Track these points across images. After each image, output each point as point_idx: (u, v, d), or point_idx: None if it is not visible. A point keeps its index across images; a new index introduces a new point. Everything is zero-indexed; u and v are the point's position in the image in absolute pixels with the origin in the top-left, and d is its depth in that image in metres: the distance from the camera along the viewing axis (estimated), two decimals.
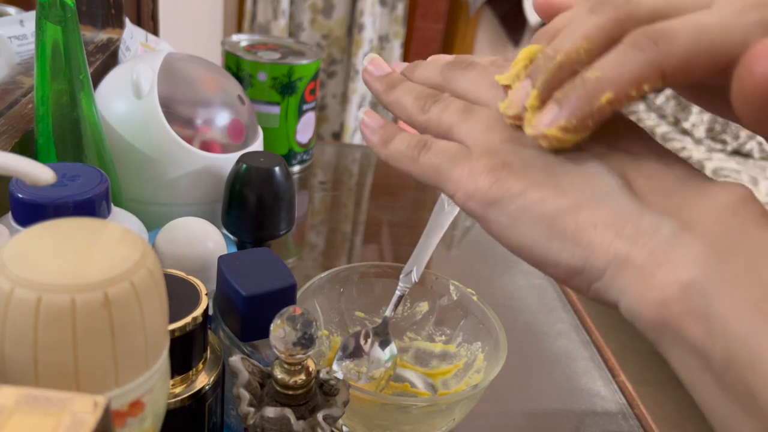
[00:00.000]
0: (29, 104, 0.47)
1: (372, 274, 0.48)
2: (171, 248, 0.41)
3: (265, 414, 0.28)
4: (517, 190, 0.25)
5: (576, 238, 0.24)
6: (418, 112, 0.29)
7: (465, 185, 0.26)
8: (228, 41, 0.74)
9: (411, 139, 0.29)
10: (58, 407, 0.16)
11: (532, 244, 0.25)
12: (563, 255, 0.24)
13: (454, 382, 0.45)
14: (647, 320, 0.22)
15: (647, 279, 0.22)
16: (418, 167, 0.28)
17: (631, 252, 0.22)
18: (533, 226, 0.25)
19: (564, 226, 0.24)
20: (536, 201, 0.24)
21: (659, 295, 0.21)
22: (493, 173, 0.25)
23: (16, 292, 0.18)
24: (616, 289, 0.23)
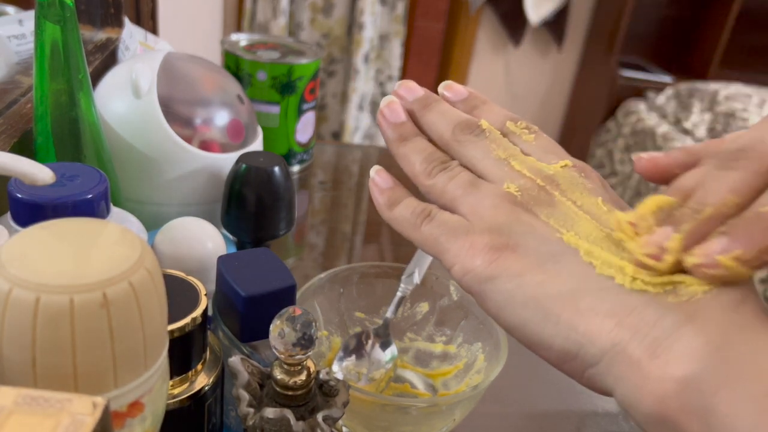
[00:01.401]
0: (28, 104, 0.46)
1: (372, 275, 0.48)
2: (170, 248, 0.41)
3: (264, 415, 0.28)
4: (515, 271, 0.25)
5: (573, 323, 0.23)
6: (424, 176, 0.29)
7: (463, 260, 0.26)
8: (227, 40, 0.74)
9: (416, 207, 0.29)
10: (56, 408, 0.16)
11: (525, 324, 0.25)
12: (557, 339, 0.24)
13: (455, 383, 0.45)
14: (644, 413, 0.22)
15: (644, 371, 0.22)
16: (419, 235, 0.28)
17: (630, 342, 0.22)
18: (528, 307, 0.24)
19: (561, 310, 0.24)
20: (535, 283, 0.24)
21: (657, 389, 0.21)
22: (494, 251, 0.25)
23: (15, 292, 0.18)
24: (612, 378, 0.23)
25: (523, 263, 0.25)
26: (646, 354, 0.22)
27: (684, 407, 0.21)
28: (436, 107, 0.31)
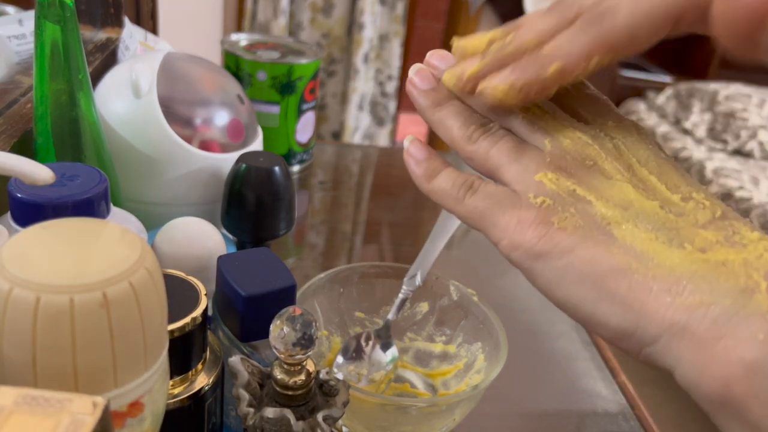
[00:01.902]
0: (28, 104, 0.46)
1: (372, 275, 0.48)
2: (170, 248, 0.41)
3: (264, 414, 0.28)
4: (566, 246, 0.24)
5: (628, 301, 0.23)
6: (464, 141, 0.28)
7: (512, 235, 0.25)
8: (227, 40, 0.74)
9: (457, 179, 0.28)
10: (56, 408, 0.16)
11: (579, 302, 0.24)
12: (612, 318, 0.23)
13: (455, 383, 0.45)
14: (707, 395, 0.21)
15: (708, 353, 0.21)
16: (463, 208, 0.27)
17: (689, 321, 0.21)
18: (581, 285, 0.24)
19: (615, 288, 0.23)
20: (587, 260, 0.23)
21: (721, 371, 0.21)
22: (543, 226, 0.24)
23: (15, 292, 0.18)
24: (672, 357, 0.22)
25: (574, 238, 0.24)
26: (710, 334, 0.21)
27: (750, 391, 0.20)
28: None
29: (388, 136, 2.24)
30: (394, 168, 0.91)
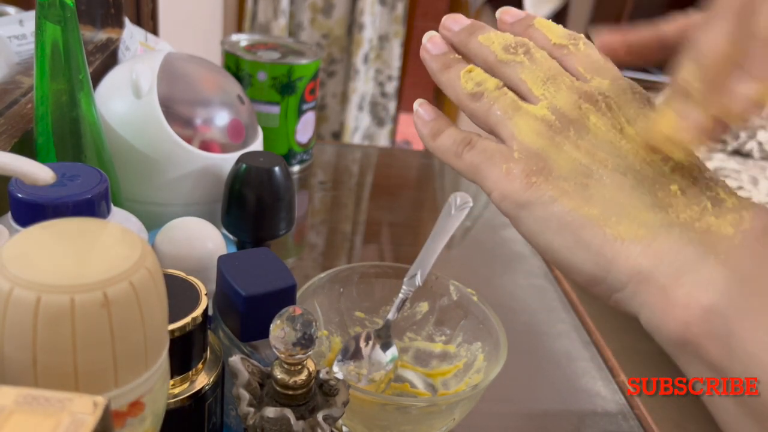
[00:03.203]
0: (29, 104, 0.46)
1: (372, 274, 0.48)
2: (170, 248, 0.41)
3: (264, 414, 0.28)
4: (549, 197, 0.26)
5: (601, 249, 0.24)
6: (468, 99, 0.30)
7: (501, 185, 0.27)
8: (227, 41, 0.74)
9: (457, 136, 0.30)
10: (57, 407, 0.16)
11: (558, 249, 0.26)
12: (587, 264, 0.25)
13: (454, 383, 0.45)
14: (667, 336, 0.23)
15: (669, 298, 0.23)
16: (461, 163, 0.29)
17: (654, 269, 0.23)
18: (561, 233, 0.25)
19: (591, 237, 0.25)
20: (566, 210, 0.25)
21: (681, 315, 0.23)
22: (529, 177, 0.26)
23: (16, 292, 0.18)
24: (637, 303, 0.24)
25: (557, 189, 0.26)
26: (671, 281, 0.23)
27: (707, 333, 0.22)
28: (482, 32, 0.31)
29: (388, 136, 2.24)
30: (394, 168, 0.91)
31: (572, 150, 0.26)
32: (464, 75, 0.30)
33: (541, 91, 0.28)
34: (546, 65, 0.29)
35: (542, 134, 0.27)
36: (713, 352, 0.22)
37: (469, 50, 0.31)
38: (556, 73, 0.29)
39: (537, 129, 0.27)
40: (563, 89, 0.28)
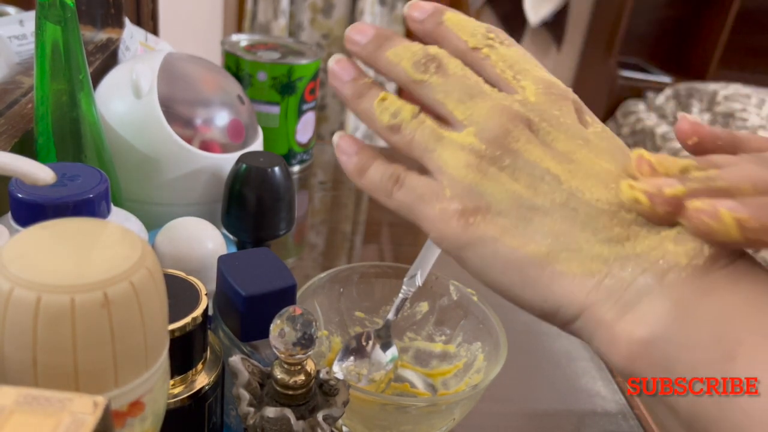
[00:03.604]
0: (29, 104, 0.46)
1: (372, 274, 0.48)
2: (171, 248, 0.41)
3: (264, 414, 0.28)
4: (490, 236, 0.25)
5: (550, 287, 0.24)
6: (386, 132, 0.28)
7: (437, 226, 0.26)
8: (228, 41, 0.74)
9: (385, 171, 0.28)
10: (57, 407, 0.16)
11: (506, 288, 0.25)
12: (536, 300, 0.25)
13: (454, 383, 0.45)
14: (617, 368, 0.23)
15: (614, 333, 0.23)
16: (392, 203, 0.27)
17: (602, 305, 0.23)
18: (506, 272, 0.25)
19: (538, 275, 0.24)
20: (509, 249, 0.24)
21: (625, 348, 0.23)
22: (466, 217, 0.25)
23: (16, 292, 0.18)
24: (587, 334, 0.24)
25: (497, 227, 0.25)
26: (617, 316, 0.23)
27: (650, 365, 0.22)
28: (388, 46, 0.28)
29: None
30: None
31: (509, 182, 0.25)
32: (378, 105, 0.28)
33: (463, 114, 0.26)
34: (463, 81, 0.27)
35: (472, 166, 0.25)
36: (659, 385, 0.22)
37: (379, 68, 0.29)
38: (477, 90, 0.26)
39: (466, 161, 0.25)
40: (488, 109, 0.26)
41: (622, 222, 0.24)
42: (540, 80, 0.27)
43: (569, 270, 0.24)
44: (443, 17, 0.28)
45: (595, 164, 0.25)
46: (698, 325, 0.22)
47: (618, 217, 0.24)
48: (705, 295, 0.22)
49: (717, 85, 2.05)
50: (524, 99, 0.26)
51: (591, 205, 0.24)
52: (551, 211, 0.24)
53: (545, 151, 0.25)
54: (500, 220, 0.25)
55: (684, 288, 0.22)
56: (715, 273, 0.22)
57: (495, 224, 0.25)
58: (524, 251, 0.24)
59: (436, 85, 0.27)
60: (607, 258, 0.23)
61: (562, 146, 0.25)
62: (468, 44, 0.27)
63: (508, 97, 0.26)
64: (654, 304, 0.22)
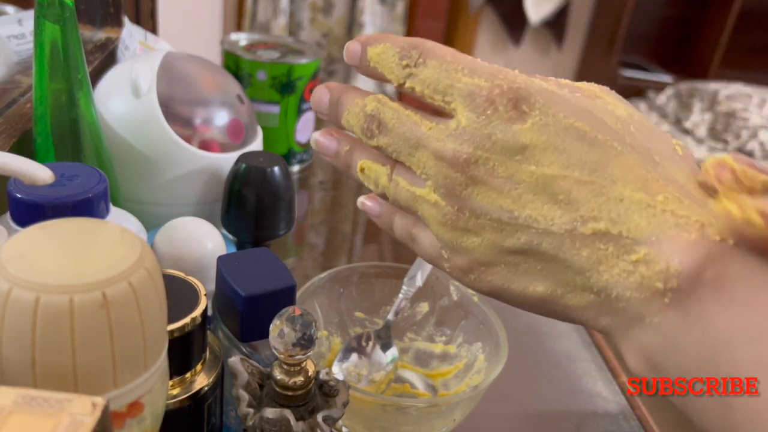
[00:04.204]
0: (28, 104, 0.46)
1: (372, 275, 0.48)
2: (170, 248, 0.41)
3: (264, 415, 0.27)
4: (498, 286, 0.26)
5: (567, 315, 0.26)
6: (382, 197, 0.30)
7: (453, 275, 0.28)
8: (227, 40, 0.74)
9: (402, 229, 0.30)
10: (56, 408, 0.16)
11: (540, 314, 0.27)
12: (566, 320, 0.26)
13: (455, 383, 0.45)
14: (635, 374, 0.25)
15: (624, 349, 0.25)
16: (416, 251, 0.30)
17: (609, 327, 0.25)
18: (531, 307, 0.27)
19: (552, 308, 0.26)
20: (520, 292, 0.26)
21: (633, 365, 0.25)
22: (467, 274, 0.27)
23: (14, 292, 0.18)
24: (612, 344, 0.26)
25: (498, 275, 0.26)
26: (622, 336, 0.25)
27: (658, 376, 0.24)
28: (341, 112, 0.29)
29: None
30: None
31: (480, 232, 0.25)
32: (362, 177, 0.29)
33: (417, 167, 0.26)
34: (403, 132, 0.26)
35: (447, 224, 0.26)
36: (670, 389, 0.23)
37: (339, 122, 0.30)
38: (415, 137, 0.26)
39: (440, 219, 0.26)
40: (431, 161, 0.25)
41: (585, 242, 0.24)
42: (467, 93, 0.25)
43: (573, 303, 0.25)
44: (369, 57, 0.28)
45: (536, 177, 0.24)
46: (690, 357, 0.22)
47: (580, 238, 0.24)
48: (693, 323, 0.22)
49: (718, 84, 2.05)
50: (457, 127, 0.25)
51: (550, 233, 0.24)
52: (527, 251, 0.25)
53: (491, 186, 0.25)
54: (496, 270, 0.26)
55: (670, 318, 0.22)
56: (701, 291, 0.22)
57: (495, 274, 0.26)
58: (532, 293, 0.26)
59: (386, 146, 0.27)
60: (593, 287, 0.24)
61: (504, 170, 0.24)
62: (393, 83, 0.27)
63: (443, 134, 0.25)
64: (646, 335, 0.23)
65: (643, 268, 0.22)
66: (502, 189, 0.24)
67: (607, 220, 0.23)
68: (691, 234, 0.22)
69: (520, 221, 0.24)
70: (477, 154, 0.24)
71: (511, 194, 0.24)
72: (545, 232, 0.24)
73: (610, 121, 0.25)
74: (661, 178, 0.23)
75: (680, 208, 0.23)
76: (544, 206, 0.24)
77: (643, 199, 0.23)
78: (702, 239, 0.22)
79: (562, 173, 0.24)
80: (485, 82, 0.25)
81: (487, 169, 0.24)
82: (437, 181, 0.26)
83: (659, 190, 0.23)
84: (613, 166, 0.23)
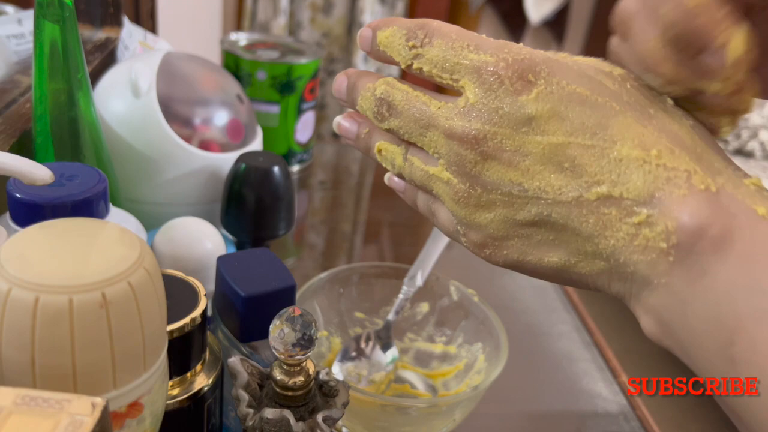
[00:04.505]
0: (27, 103, 0.46)
1: (372, 275, 0.48)
2: (169, 248, 0.41)
3: (264, 415, 0.27)
4: (514, 259, 0.27)
5: (584, 282, 0.26)
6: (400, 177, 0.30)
7: (474, 252, 0.28)
8: (227, 40, 0.74)
9: (424, 203, 0.30)
10: (56, 408, 0.16)
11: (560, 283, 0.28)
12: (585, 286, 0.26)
13: (455, 383, 0.45)
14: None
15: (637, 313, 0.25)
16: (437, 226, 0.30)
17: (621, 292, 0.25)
18: (549, 277, 0.27)
19: (569, 276, 0.26)
20: (535, 263, 0.26)
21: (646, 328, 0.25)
22: (484, 249, 0.27)
23: (14, 292, 0.18)
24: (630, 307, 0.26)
25: (513, 249, 0.26)
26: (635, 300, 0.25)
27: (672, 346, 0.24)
28: (357, 95, 0.29)
29: None
30: None
31: (492, 208, 0.26)
32: (380, 159, 0.30)
33: (429, 148, 0.27)
34: (413, 114, 0.27)
35: (460, 201, 0.26)
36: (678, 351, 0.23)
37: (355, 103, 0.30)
38: (425, 118, 0.27)
39: (453, 197, 0.27)
40: (441, 139, 0.26)
41: (591, 209, 0.24)
42: (474, 69, 0.25)
43: (586, 271, 0.25)
44: (378, 41, 0.28)
45: (542, 147, 0.24)
46: (696, 315, 0.22)
47: (586, 205, 0.24)
48: (697, 280, 0.22)
49: None
50: (466, 104, 0.25)
51: (559, 203, 0.24)
52: (538, 222, 0.25)
53: (500, 161, 0.25)
54: (510, 243, 0.26)
55: (676, 276, 0.22)
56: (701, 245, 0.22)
57: (509, 248, 0.26)
58: (546, 263, 0.26)
59: (398, 128, 0.28)
60: (602, 254, 0.24)
61: (511, 144, 0.25)
62: (401, 65, 0.28)
63: (451, 113, 0.26)
64: (655, 296, 0.23)
65: (646, 230, 0.23)
66: (511, 162, 0.25)
67: (609, 183, 0.23)
68: (680, 188, 0.22)
69: (530, 193, 0.25)
70: (485, 130, 0.25)
71: (519, 167, 0.25)
72: (554, 202, 0.24)
73: (607, 83, 0.25)
74: (656, 130, 0.24)
75: (671, 160, 0.23)
76: (552, 176, 0.24)
77: (639, 156, 0.23)
78: (691, 192, 0.22)
79: (567, 140, 0.24)
80: (491, 57, 0.25)
81: (495, 143, 0.25)
82: (449, 160, 0.26)
83: (654, 144, 0.23)
84: (613, 126, 0.24)
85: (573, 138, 0.24)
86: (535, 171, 0.24)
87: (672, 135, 0.24)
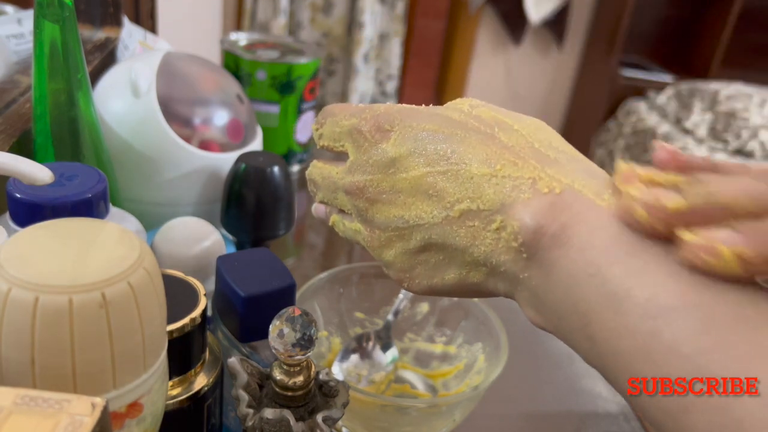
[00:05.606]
0: (27, 103, 0.46)
1: (372, 275, 0.48)
2: (169, 248, 0.41)
3: (264, 415, 0.27)
4: (425, 284, 0.29)
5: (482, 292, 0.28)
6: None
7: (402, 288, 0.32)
8: (227, 40, 0.74)
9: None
10: (55, 409, 0.16)
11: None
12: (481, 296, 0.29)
13: (455, 384, 0.45)
14: None
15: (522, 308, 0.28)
16: None
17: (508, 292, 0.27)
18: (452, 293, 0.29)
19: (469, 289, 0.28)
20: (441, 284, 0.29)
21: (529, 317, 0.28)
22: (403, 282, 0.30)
23: (13, 292, 0.18)
24: None
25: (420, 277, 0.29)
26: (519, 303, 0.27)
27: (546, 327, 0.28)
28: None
29: None
30: None
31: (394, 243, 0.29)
32: (337, 230, 0.33)
33: (343, 206, 0.31)
34: (326, 184, 0.32)
35: (370, 245, 0.30)
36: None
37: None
38: (332, 183, 0.31)
39: (367, 243, 0.30)
40: (345, 196, 0.30)
41: (459, 224, 0.26)
42: (347, 133, 0.30)
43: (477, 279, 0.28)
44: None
45: (409, 182, 0.28)
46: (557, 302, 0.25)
47: (454, 222, 0.27)
48: (549, 273, 0.24)
49: (719, 84, 2.05)
50: (350, 163, 0.30)
51: (434, 225, 0.27)
52: (426, 246, 0.28)
53: (383, 201, 0.29)
54: (416, 272, 0.29)
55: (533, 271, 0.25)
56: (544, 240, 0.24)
57: (418, 276, 0.29)
58: (449, 281, 0.28)
59: (322, 199, 0.33)
60: (479, 260, 0.27)
61: (386, 185, 0.28)
62: (318, 147, 0.33)
63: (343, 173, 0.30)
64: (524, 289, 0.26)
65: (503, 234, 0.25)
66: (390, 201, 0.28)
67: (467, 200, 0.26)
68: (525, 193, 0.25)
69: (411, 223, 0.28)
70: (365, 179, 0.29)
71: (397, 203, 0.28)
72: (431, 225, 0.27)
73: (454, 115, 0.28)
74: (499, 148, 0.26)
75: (515, 171, 0.25)
76: (423, 204, 0.27)
77: (487, 172, 0.26)
78: (535, 195, 0.25)
79: (426, 171, 0.27)
80: (356, 119, 0.30)
81: (375, 188, 0.29)
82: (353, 212, 0.30)
83: (498, 160, 0.26)
84: (461, 151, 0.26)
85: (431, 168, 0.27)
86: (409, 203, 0.28)
87: (514, 151, 0.26)
